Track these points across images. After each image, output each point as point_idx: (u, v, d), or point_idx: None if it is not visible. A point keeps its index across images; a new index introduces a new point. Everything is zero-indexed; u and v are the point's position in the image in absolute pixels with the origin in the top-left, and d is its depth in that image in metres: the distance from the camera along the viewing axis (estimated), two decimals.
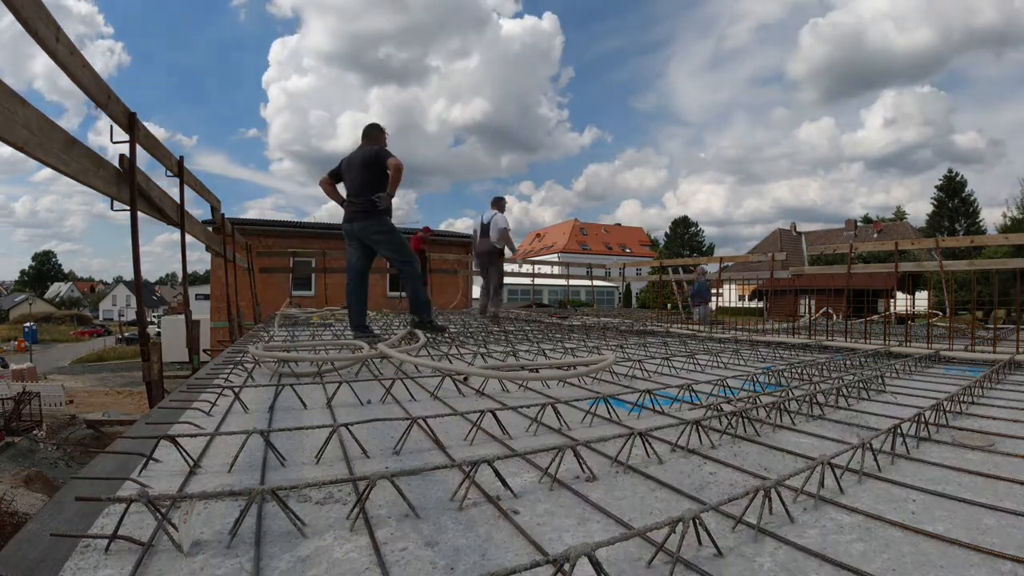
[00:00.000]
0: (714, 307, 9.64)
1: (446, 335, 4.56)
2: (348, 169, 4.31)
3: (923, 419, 1.72)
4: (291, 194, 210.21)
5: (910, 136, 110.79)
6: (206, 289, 22.53)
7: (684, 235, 60.85)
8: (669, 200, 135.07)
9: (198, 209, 8.09)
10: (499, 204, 7.17)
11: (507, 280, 8.39)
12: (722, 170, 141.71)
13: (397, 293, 17.77)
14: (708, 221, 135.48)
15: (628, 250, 59.63)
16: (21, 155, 2.19)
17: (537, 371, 2.64)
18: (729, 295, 8.63)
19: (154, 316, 44.16)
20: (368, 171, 4.20)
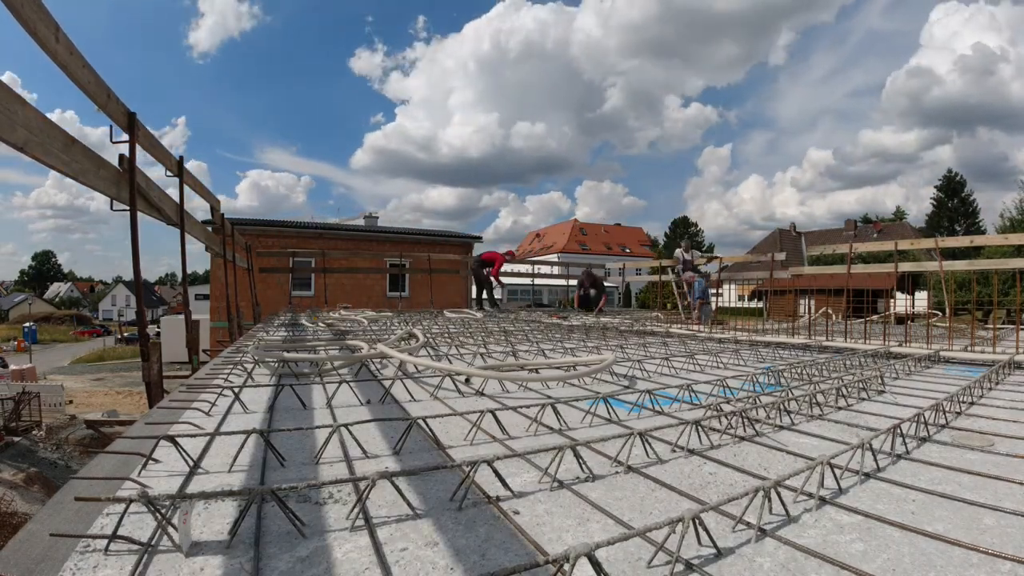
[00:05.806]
0: (714, 307, 9.65)
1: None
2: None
3: (923, 419, 1.72)
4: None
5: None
6: (206, 289, 22.54)
7: (684, 235, 60.95)
8: (740, 201, 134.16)
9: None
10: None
11: (507, 280, 11.33)
12: (801, 173, 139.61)
13: (396, 293, 17.90)
14: (780, 221, 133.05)
15: (628, 250, 59.66)
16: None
17: (537, 371, 2.64)
18: (729, 295, 8.63)
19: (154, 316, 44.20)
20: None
